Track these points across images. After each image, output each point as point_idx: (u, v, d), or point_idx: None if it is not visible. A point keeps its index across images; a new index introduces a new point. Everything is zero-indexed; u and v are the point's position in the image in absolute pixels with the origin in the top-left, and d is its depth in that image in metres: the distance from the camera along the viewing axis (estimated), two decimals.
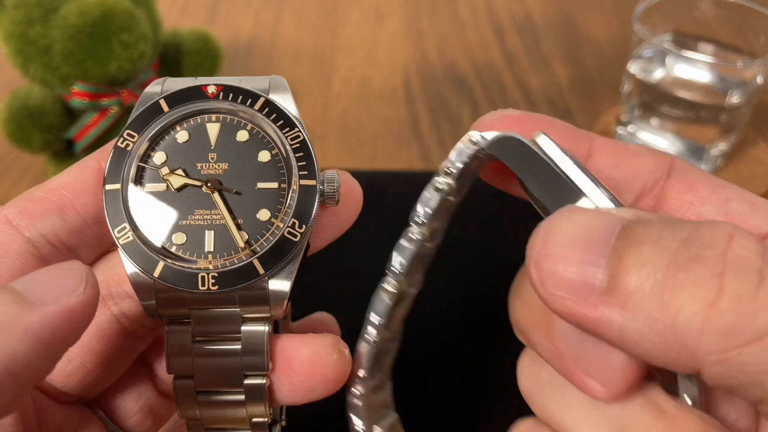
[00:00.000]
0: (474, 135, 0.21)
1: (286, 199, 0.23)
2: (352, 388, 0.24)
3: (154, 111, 0.24)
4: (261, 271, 0.23)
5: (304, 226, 0.23)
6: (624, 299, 0.16)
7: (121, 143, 0.24)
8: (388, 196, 0.52)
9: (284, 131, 0.24)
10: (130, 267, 0.23)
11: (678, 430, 0.17)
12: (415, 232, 0.22)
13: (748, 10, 0.56)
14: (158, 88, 0.25)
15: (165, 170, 0.23)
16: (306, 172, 0.23)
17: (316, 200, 0.23)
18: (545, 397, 0.20)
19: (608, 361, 0.18)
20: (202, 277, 0.22)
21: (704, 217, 0.21)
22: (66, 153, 0.53)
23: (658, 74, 0.56)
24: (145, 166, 0.24)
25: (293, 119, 0.24)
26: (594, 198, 0.19)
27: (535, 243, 0.17)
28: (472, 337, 0.44)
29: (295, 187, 0.23)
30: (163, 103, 0.24)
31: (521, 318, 0.21)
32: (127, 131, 0.24)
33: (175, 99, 0.24)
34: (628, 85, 0.58)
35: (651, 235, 0.16)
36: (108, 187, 0.23)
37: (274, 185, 0.23)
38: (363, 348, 0.23)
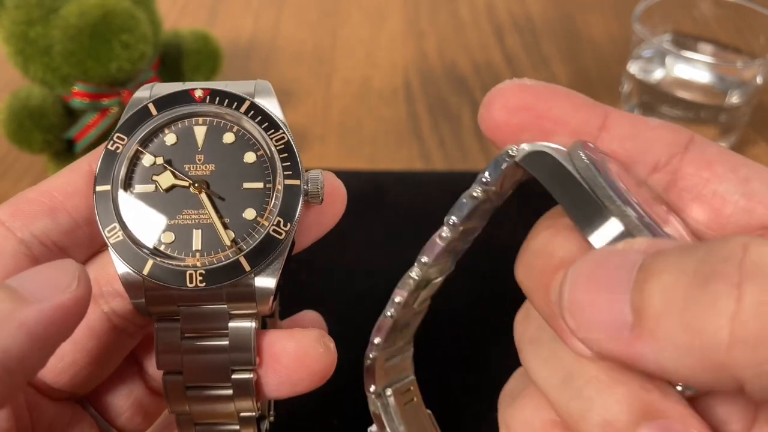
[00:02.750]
0: (511, 148, 0.22)
1: (272, 199, 0.24)
2: (369, 354, 0.25)
3: (143, 115, 0.25)
4: (247, 268, 0.23)
5: (288, 224, 0.24)
6: (651, 330, 0.16)
7: (111, 146, 0.24)
8: (388, 196, 0.52)
9: (269, 133, 0.24)
10: (120, 266, 0.23)
11: (617, 379, 0.18)
12: (445, 232, 0.23)
13: (748, 10, 0.56)
14: (147, 93, 0.25)
15: (160, 159, 0.24)
16: (290, 173, 0.24)
17: (301, 199, 0.24)
18: (524, 348, 0.22)
19: None
20: (190, 275, 0.23)
21: (720, 196, 0.21)
22: (66, 153, 0.53)
23: (657, 74, 0.56)
24: (135, 168, 0.24)
25: (278, 121, 0.25)
26: (622, 219, 0.19)
27: (563, 292, 0.18)
28: (471, 337, 0.44)
29: (279, 186, 0.24)
30: (151, 107, 0.25)
31: (524, 280, 0.21)
32: (117, 134, 0.25)
33: (163, 103, 0.25)
34: (628, 85, 0.58)
35: (669, 263, 0.16)
36: (98, 188, 0.24)
37: (260, 185, 0.24)
38: (382, 321, 0.25)
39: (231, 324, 0.24)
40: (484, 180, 0.22)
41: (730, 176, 0.21)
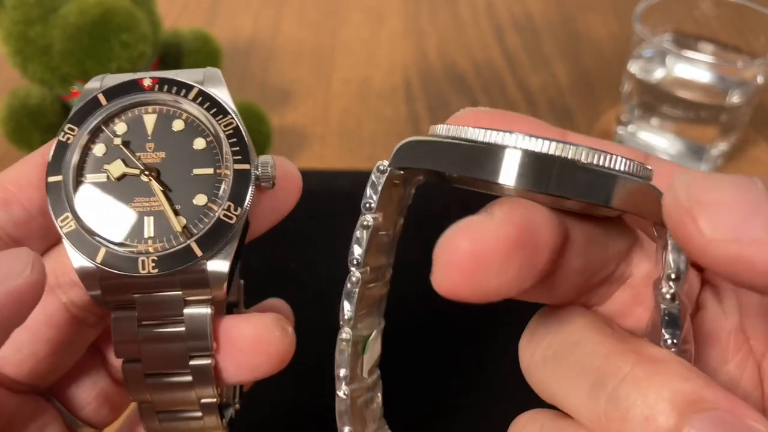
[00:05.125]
0: (380, 164, 0.21)
1: (222, 184, 0.24)
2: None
3: (93, 105, 0.25)
4: (198, 253, 0.23)
5: (239, 208, 0.24)
6: None
7: (62, 137, 0.25)
8: None
9: (217, 119, 0.25)
10: (74, 254, 0.24)
11: (654, 371, 0.17)
12: (355, 273, 0.22)
13: (748, 10, 0.56)
14: (97, 83, 0.26)
15: (118, 140, 0.24)
16: (240, 157, 0.24)
17: (251, 183, 0.24)
18: (537, 371, 0.20)
19: None
20: (143, 261, 0.23)
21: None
22: None
23: (658, 74, 0.56)
24: (86, 158, 0.25)
25: (226, 107, 0.25)
26: (518, 145, 0.17)
27: (679, 192, 0.17)
28: (468, 338, 0.44)
29: (228, 171, 0.24)
30: (101, 97, 0.25)
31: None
32: (68, 125, 0.25)
33: (112, 93, 0.25)
34: (628, 85, 0.58)
35: None
36: (50, 179, 0.24)
37: (210, 171, 0.24)
38: (338, 409, 0.23)
39: (186, 310, 0.24)
40: (367, 205, 0.21)
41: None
